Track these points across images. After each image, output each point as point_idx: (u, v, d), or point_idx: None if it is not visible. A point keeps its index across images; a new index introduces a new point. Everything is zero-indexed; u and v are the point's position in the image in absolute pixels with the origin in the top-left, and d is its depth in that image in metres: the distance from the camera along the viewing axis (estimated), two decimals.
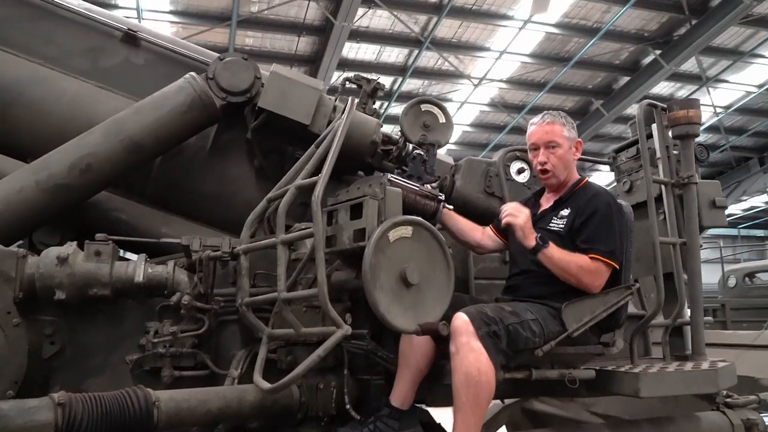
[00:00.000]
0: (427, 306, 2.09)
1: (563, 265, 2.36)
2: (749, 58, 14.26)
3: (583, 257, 2.38)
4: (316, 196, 1.94)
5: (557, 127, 2.61)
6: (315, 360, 1.93)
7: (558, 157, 2.60)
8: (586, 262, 2.36)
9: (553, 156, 2.60)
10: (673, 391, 2.41)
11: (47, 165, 2.59)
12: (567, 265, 2.35)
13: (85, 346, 2.53)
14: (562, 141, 2.60)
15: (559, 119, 2.62)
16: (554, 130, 2.61)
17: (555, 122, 2.62)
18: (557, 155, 2.60)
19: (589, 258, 2.37)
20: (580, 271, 2.35)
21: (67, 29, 3.06)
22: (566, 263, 2.36)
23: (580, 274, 2.35)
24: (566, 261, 2.36)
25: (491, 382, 2.07)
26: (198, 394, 2.13)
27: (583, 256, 2.38)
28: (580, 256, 2.38)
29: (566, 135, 2.60)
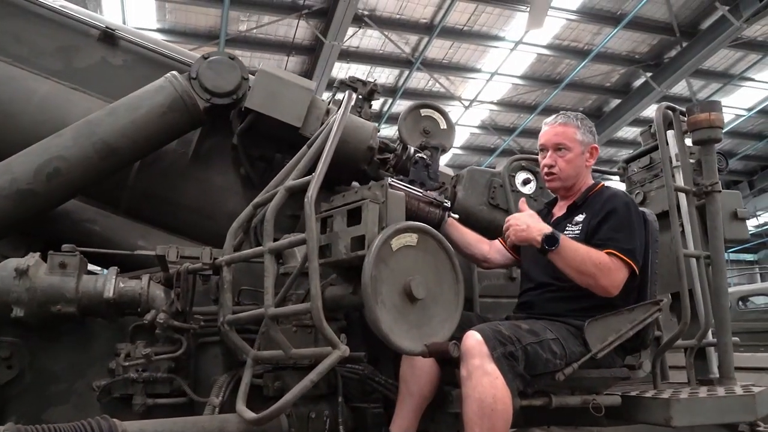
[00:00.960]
0: (434, 324, 1.85)
1: (578, 264, 2.10)
2: (739, 81, 14.32)
3: (599, 253, 2.12)
4: (310, 197, 1.70)
5: (570, 129, 2.39)
6: (307, 386, 1.66)
7: (566, 161, 2.37)
8: (602, 258, 2.11)
9: (562, 160, 2.38)
10: (708, 419, 2.16)
11: (9, 169, 2.35)
12: (582, 263, 2.10)
13: (46, 370, 2.28)
14: (573, 145, 2.37)
15: (574, 121, 2.40)
16: (566, 132, 2.38)
17: (568, 124, 2.40)
18: (566, 159, 2.37)
19: (606, 253, 2.13)
20: (597, 269, 2.09)
21: (39, 27, 2.85)
22: (581, 261, 2.10)
23: (597, 273, 2.09)
24: (581, 258, 2.10)
25: (508, 411, 1.81)
26: (172, 425, 1.86)
27: (599, 252, 2.13)
28: (596, 252, 2.12)
29: (579, 138, 2.38)
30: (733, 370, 2.46)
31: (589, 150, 2.41)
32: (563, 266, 2.12)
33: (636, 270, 2.14)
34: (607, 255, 2.11)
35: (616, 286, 2.11)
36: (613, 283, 2.10)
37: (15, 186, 2.30)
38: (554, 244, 2.09)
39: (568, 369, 1.96)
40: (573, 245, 2.12)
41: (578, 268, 2.10)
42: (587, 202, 2.33)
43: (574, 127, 2.38)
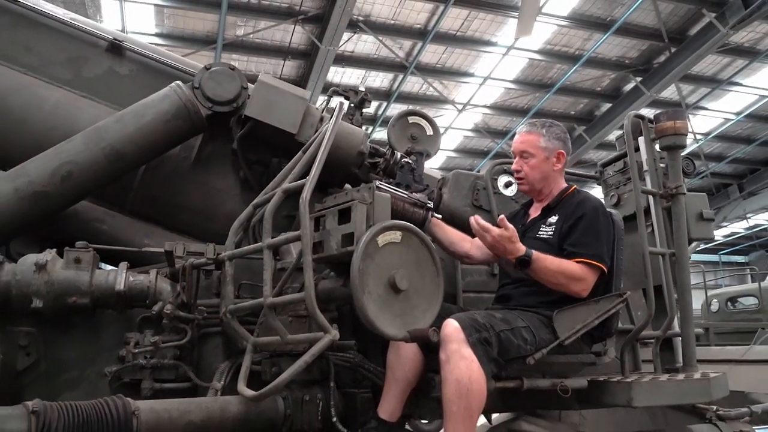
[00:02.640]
0: (416, 313, 2.04)
1: (550, 277, 2.33)
2: (727, 86, 14.56)
3: (569, 263, 2.35)
4: (304, 198, 1.90)
5: (533, 136, 2.61)
6: (301, 366, 1.86)
7: (531, 167, 2.59)
8: (572, 268, 2.33)
9: (527, 165, 2.60)
10: (667, 400, 2.37)
11: (26, 172, 2.52)
12: (554, 277, 2.32)
13: (60, 358, 2.45)
14: (536, 151, 2.59)
15: (538, 129, 2.62)
16: (529, 140, 2.61)
17: (532, 132, 2.63)
18: (530, 165, 2.59)
19: (576, 262, 2.34)
20: (568, 281, 2.32)
21: (50, 38, 3.01)
22: (553, 275, 2.32)
23: (568, 282, 2.32)
24: (553, 272, 2.32)
25: (483, 391, 2.01)
26: (179, 405, 2.05)
27: (570, 262, 2.35)
28: (567, 263, 2.34)
29: (542, 145, 2.59)
30: (695, 359, 2.65)
31: (556, 155, 2.61)
32: (537, 278, 2.34)
33: (605, 270, 2.36)
34: (578, 264, 2.33)
35: (587, 289, 2.34)
36: (584, 287, 2.33)
37: (31, 188, 2.48)
38: (527, 266, 2.32)
39: (538, 354, 2.17)
40: (544, 262, 2.32)
41: (550, 281, 2.33)
42: (560, 205, 2.54)
43: (538, 135, 2.59)
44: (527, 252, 2.30)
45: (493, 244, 2.31)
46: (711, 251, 27.74)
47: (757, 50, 13.14)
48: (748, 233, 25.43)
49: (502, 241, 2.29)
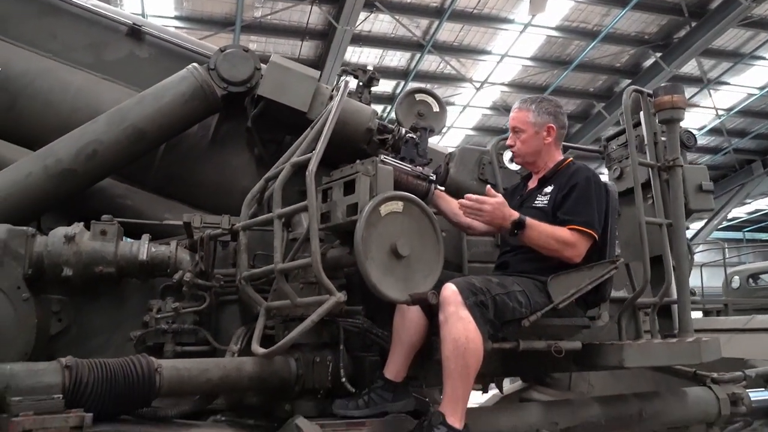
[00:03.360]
0: (417, 278, 2.18)
1: (544, 241, 2.44)
2: (750, 60, 14.33)
3: (562, 230, 2.46)
4: (310, 171, 2.04)
5: (522, 113, 2.73)
6: (309, 325, 2.02)
7: (522, 142, 2.72)
8: (565, 234, 2.44)
9: (519, 140, 2.73)
10: (657, 361, 2.49)
11: (54, 151, 2.70)
12: (547, 242, 2.43)
13: (90, 324, 2.63)
14: (526, 127, 2.71)
15: (527, 106, 2.74)
16: (519, 116, 2.74)
17: (521, 109, 2.75)
18: (521, 140, 2.72)
19: (568, 229, 2.45)
20: (561, 246, 2.43)
21: (73, 24, 3.18)
22: (546, 240, 2.44)
23: (561, 247, 2.43)
24: (545, 237, 2.44)
25: (479, 350, 2.15)
26: (199, 364, 2.22)
27: (563, 229, 2.46)
28: (560, 229, 2.46)
29: (531, 120, 2.70)
30: (691, 325, 2.75)
31: (545, 129, 2.72)
32: (531, 245, 2.46)
33: (596, 237, 2.46)
34: (570, 231, 2.45)
35: (579, 255, 2.45)
36: (576, 253, 2.44)
37: (60, 166, 2.65)
38: (521, 229, 2.43)
39: (533, 317, 2.29)
40: (538, 228, 2.44)
41: (544, 246, 2.45)
42: (555, 176, 2.65)
43: (527, 111, 2.72)
44: (521, 217, 2.43)
45: (492, 212, 2.43)
46: (735, 228, 27.43)
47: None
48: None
49: (501, 207, 2.42)
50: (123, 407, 2.03)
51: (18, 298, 2.29)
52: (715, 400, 2.77)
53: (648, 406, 2.68)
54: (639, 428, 2.72)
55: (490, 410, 2.59)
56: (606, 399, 2.73)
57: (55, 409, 1.80)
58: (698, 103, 16.36)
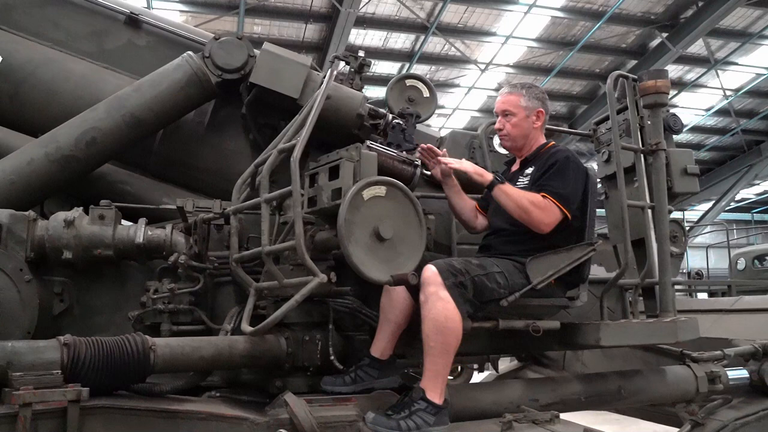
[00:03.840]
0: (400, 260, 2.27)
1: (516, 198, 2.53)
2: (758, 39, 14.22)
3: (534, 194, 2.56)
4: (294, 158, 2.13)
5: (513, 97, 2.80)
6: (293, 304, 2.12)
7: (512, 125, 2.79)
8: (537, 198, 2.54)
9: (509, 124, 2.80)
10: (634, 341, 2.57)
11: (55, 138, 2.80)
12: (519, 199, 2.53)
13: (91, 304, 2.75)
14: (517, 110, 2.78)
15: (519, 90, 2.81)
16: (510, 100, 2.81)
17: (512, 93, 2.82)
18: (512, 123, 2.79)
19: (541, 196, 2.54)
20: (531, 206, 2.51)
21: (74, 14, 3.26)
22: (519, 197, 2.53)
23: (531, 208, 2.51)
24: (519, 195, 2.54)
25: (458, 329, 2.25)
26: (192, 342, 2.32)
27: (535, 194, 2.56)
28: (533, 194, 2.56)
29: (523, 105, 2.78)
30: (673, 305, 2.83)
31: (535, 113, 2.80)
32: (505, 200, 2.55)
33: (567, 214, 2.53)
34: (542, 197, 2.53)
35: (547, 224, 2.52)
36: (544, 219, 2.51)
37: (60, 152, 2.76)
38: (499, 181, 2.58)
39: (511, 297, 2.38)
40: (512, 188, 2.58)
41: (516, 202, 2.53)
42: (537, 158, 2.74)
43: (518, 95, 2.79)
44: (497, 177, 2.57)
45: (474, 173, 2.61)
46: (743, 210, 27.33)
47: None
48: None
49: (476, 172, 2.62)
50: (119, 382, 2.14)
51: (21, 280, 2.40)
52: (693, 378, 2.85)
53: (627, 383, 2.77)
54: (618, 405, 2.82)
55: (472, 387, 2.69)
56: (586, 377, 2.82)
57: (54, 383, 1.91)
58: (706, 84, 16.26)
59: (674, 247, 4.73)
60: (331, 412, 2.30)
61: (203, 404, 2.30)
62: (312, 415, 2.20)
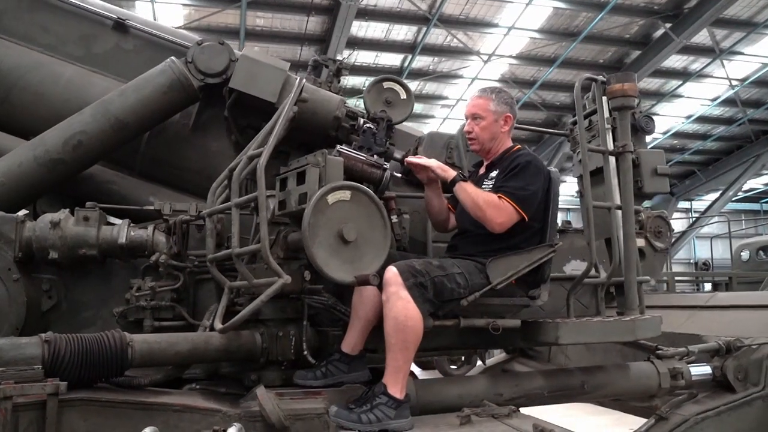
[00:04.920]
0: (365, 261, 2.37)
1: (473, 196, 2.64)
2: (763, 29, 14.11)
3: (491, 194, 2.67)
4: (260, 165, 2.24)
5: (483, 101, 2.89)
6: (258, 305, 2.26)
7: (481, 128, 2.87)
8: (492, 197, 2.65)
9: (477, 127, 2.88)
10: (591, 338, 2.67)
11: (43, 142, 2.92)
12: (476, 197, 2.64)
13: (78, 301, 2.89)
14: (486, 114, 2.86)
15: (488, 95, 2.89)
16: (479, 104, 2.89)
17: (482, 97, 2.90)
18: (480, 126, 2.87)
19: (497, 196, 2.65)
20: (485, 204, 2.62)
21: (63, 18, 3.37)
22: (476, 195, 2.64)
23: (485, 206, 2.62)
24: (477, 194, 2.65)
25: (417, 327, 2.36)
26: (168, 338, 2.46)
27: (492, 194, 2.67)
28: (490, 194, 2.67)
29: (492, 109, 2.86)
30: (638, 303, 2.92)
31: (503, 118, 2.89)
32: (464, 197, 2.67)
33: (524, 215, 2.63)
34: (498, 197, 2.64)
35: (500, 223, 2.62)
36: (496, 218, 2.62)
37: (48, 156, 2.88)
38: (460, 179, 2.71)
39: (471, 297, 2.49)
40: (472, 187, 2.71)
41: (473, 200, 2.64)
42: (502, 161, 2.83)
43: (488, 99, 2.87)
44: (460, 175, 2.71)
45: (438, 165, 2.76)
46: (752, 200, 27.18)
47: None
48: None
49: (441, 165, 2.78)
50: (98, 376, 2.28)
51: (9, 279, 2.53)
52: (656, 374, 2.95)
53: (590, 378, 2.87)
54: (582, 399, 2.93)
55: (437, 382, 2.79)
56: (550, 372, 2.93)
57: (34, 378, 2.05)
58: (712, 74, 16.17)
59: (659, 242, 4.84)
60: (301, 404, 2.41)
61: (179, 397, 2.43)
62: (280, 408, 2.31)
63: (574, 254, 3.97)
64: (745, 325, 3.49)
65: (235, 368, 2.80)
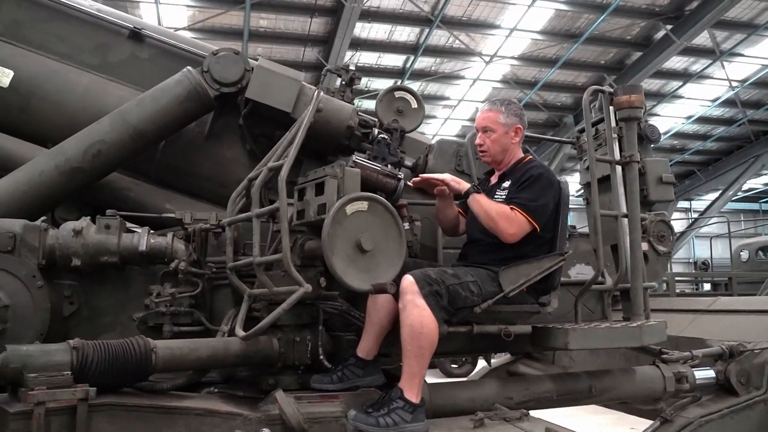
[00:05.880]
0: (380, 269, 2.45)
1: (486, 208, 2.72)
2: (764, 31, 14.20)
3: (504, 206, 2.74)
4: (281, 177, 2.31)
5: (493, 114, 2.96)
6: (280, 312, 2.32)
7: (492, 141, 2.95)
8: (505, 209, 2.72)
9: (489, 140, 2.96)
10: (599, 344, 2.76)
11: (64, 151, 2.99)
12: (489, 209, 2.71)
13: (98, 306, 2.94)
14: (497, 127, 2.94)
15: (498, 107, 2.96)
16: (490, 116, 2.96)
17: (492, 110, 2.98)
18: (492, 139, 2.95)
19: (510, 208, 2.72)
20: (498, 216, 2.69)
21: (79, 28, 3.42)
22: (489, 206, 2.72)
23: (498, 217, 2.69)
24: (490, 205, 2.73)
25: (433, 334, 2.43)
26: (189, 344, 2.53)
27: (505, 206, 2.74)
28: (502, 205, 2.75)
29: (502, 121, 2.93)
30: (644, 309, 3.00)
31: (514, 129, 2.96)
32: (477, 208, 2.74)
33: (536, 225, 2.71)
34: (510, 209, 2.72)
35: (512, 233, 2.70)
36: (508, 229, 2.69)
37: (69, 164, 2.94)
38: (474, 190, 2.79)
39: (484, 304, 2.57)
40: (485, 198, 2.78)
41: (485, 211, 2.72)
42: (513, 172, 2.91)
43: (498, 112, 2.95)
44: (474, 186, 2.79)
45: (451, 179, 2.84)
46: (751, 200, 27.28)
47: None
48: None
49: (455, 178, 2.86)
50: (123, 382, 2.35)
51: (34, 286, 2.60)
52: (661, 378, 3.03)
53: (598, 382, 2.95)
54: (589, 402, 3.01)
55: (449, 385, 2.86)
56: (558, 376, 3.01)
57: (64, 383, 2.12)
58: (712, 75, 16.26)
59: (662, 246, 4.91)
60: (318, 408, 2.49)
61: (200, 401, 2.50)
62: (300, 412, 2.39)
63: (578, 258, 4.04)
64: (747, 329, 3.58)
65: (252, 372, 2.87)
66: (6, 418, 2.04)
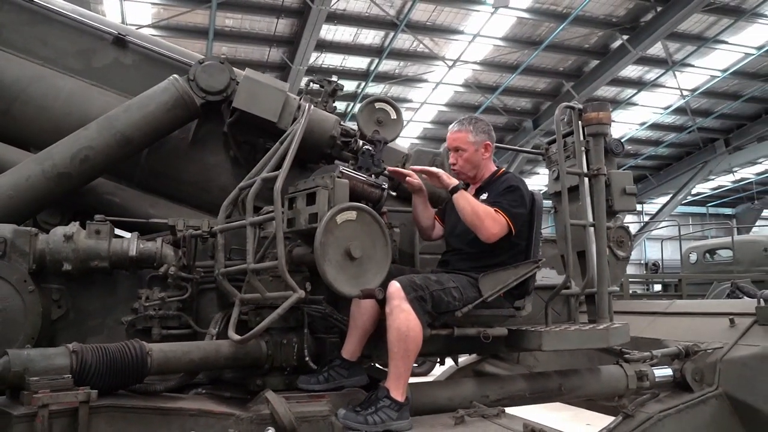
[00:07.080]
0: (368, 275, 2.58)
1: (473, 205, 2.87)
2: (713, 44, 14.85)
3: (489, 207, 2.89)
4: (277, 188, 2.42)
5: (462, 134, 3.14)
6: (275, 317, 2.43)
7: (464, 160, 3.14)
8: (489, 209, 2.88)
9: (460, 159, 3.14)
10: (570, 345, 2.95)
11: (51, 156, 3.01)
12: (476, 207, 2.86)
13: (85, 309, 2.99)
14: (467, 146, 3.12)
15: (466, 126, 3.14)
16: (459, 137, 3.15)
17: (461, 130, 3.16)
18: (463, 158, 3.13)
19: (494, 210, 2.89)
20: (485, 215, 2.85)
21: (63, 32, 3.44)
22: (476, 205, 2.87)
23: (484, 217, 2.84)
24: (476, 204, 2.88)
25: (418, 337, 2.59)
26: (182, 347, 2.61)
27: (490, 207, 2.90)
28: (488, 206, 2.90)
29: (471, 140, 3.12)
30: (608, 312, 3.22)
31: (483, 146, 3.15)
32: (464, 204, 2.88)
33: (512, 228, 2.89)
34: (494, 210, 2.89)
35: (494, 233, 2.86)
36: (491, 229, 2.85)
37: (56, 170, 2.97)
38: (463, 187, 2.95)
39: (465, 309, 2.73)
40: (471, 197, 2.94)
41: (473, 208, 2.87)
42: (490, 184, 3.09)
43: (467, 132, 3.13)
44: (462, 183, 2.94)
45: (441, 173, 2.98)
46: (699, 203, 28.38)
47: (742, 9, 13.43)
48: (734, 186, 25.96)
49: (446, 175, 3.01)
50: (121, 384, 2.42)
51: (25, 290, 2.64)
52: (624, 376, 3.26)
53: (567, 381, 3.15)
54: (559, 400, 3.20)
55: (430, 385, 3.03)
56: (530, 375, 3.20)
57: (66, 386, 2.18)
58: (665, 84, 16.87)
59: (620, 251, 5.17)
60: (307, 407, 2.61)
61: (193, 401, 2.59)
62: (290, 411, 2.51)
63: (544, 263, 4.26)
64: (700, 330, 3.84)
65: (238, 374, 2.97)
66: (10, 420, 2.10)
